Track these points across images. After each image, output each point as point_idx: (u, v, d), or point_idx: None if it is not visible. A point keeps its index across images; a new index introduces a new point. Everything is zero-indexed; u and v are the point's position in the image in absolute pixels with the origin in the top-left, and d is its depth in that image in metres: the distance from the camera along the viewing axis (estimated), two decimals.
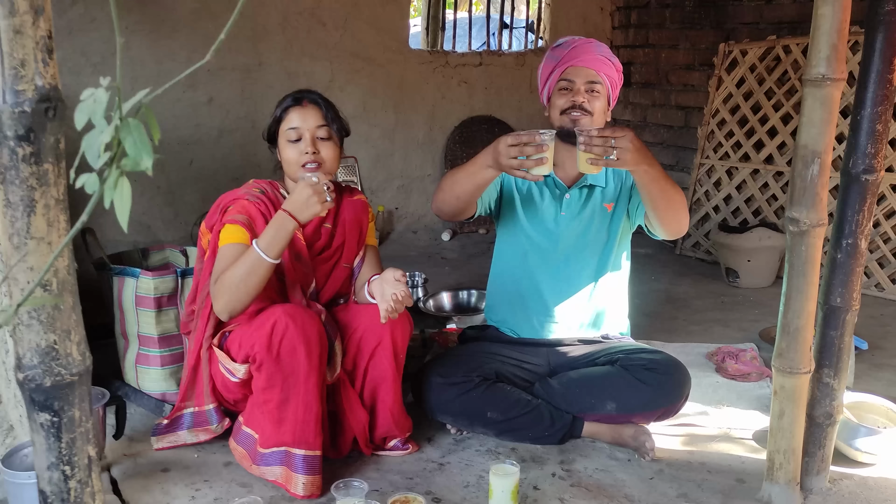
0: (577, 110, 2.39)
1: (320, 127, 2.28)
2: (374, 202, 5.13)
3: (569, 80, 2.41)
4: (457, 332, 3.33)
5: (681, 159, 5.30)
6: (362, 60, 4.88)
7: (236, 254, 2.16)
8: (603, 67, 2.43)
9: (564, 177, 2.53)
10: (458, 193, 2.30)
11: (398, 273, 2.19)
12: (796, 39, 4.38)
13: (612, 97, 2.50)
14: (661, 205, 2.25)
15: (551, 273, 2.54)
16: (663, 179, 2.17)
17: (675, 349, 3.27)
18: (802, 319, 2.07)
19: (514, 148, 2.05)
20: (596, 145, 2.04)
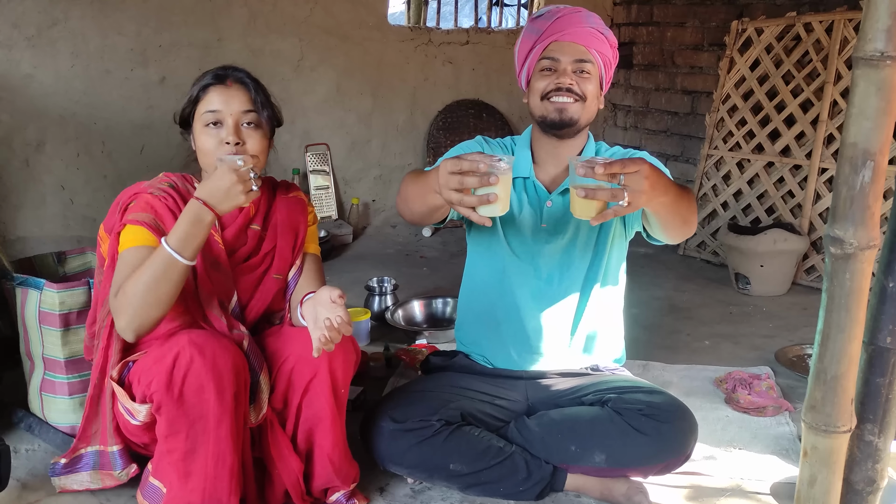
0: (562, 93, 1.97)
1: (246, 112, 1.88)
2: (348, 193, 4.69)
3: (552, 58, 1.99)
4: (428, 349, 2.90)
5: (686, 149, 4.85)
6: (336, 37, 4.43)
7: (141, 258, 1.76)
8: (594, 42, 2.00)
9: (546, 179, 2.10)
10: (412, 208, 1.87)
11: (335, 293, 1.75)
12: (819, 16, 3.91)
13: (606, 79, 2.07)
14: (673, 225, 1.84)
15: (532, 293, 2.12)
16: (677, 201, 1.73)
17: (678, 372, 2.86)
18: (843, 366, 1.62)
19: (455, 177, 1.55)
20: (599, 189, 1.55)
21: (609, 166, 1.52)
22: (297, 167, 4.44)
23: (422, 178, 1.77)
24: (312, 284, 2.01)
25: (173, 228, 1.73)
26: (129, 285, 1.72)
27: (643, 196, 1.55)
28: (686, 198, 1.80)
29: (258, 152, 1.89)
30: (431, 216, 1.87)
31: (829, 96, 3.84)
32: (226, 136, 1.84)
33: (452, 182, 1.54)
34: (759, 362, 2.97)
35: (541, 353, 2.15)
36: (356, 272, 3.97)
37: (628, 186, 1.53)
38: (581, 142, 2.11)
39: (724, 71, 4.34)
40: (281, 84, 4.31)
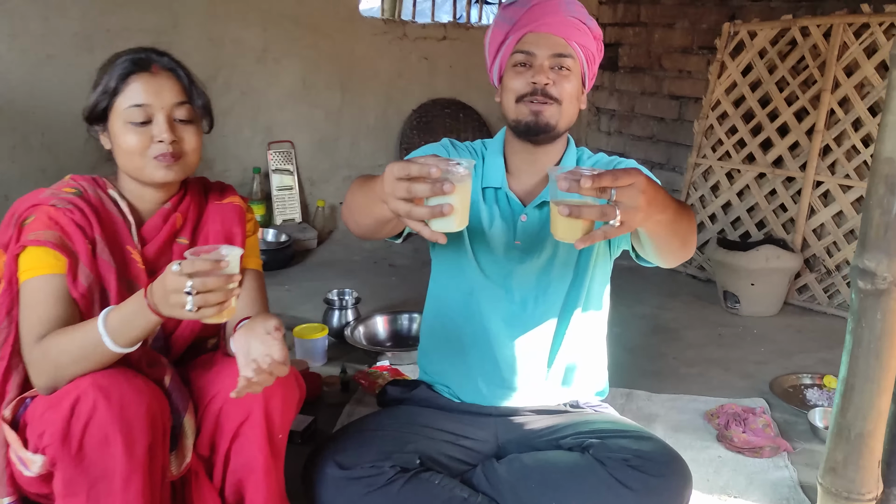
0: (538, 97, 1.71)
1: (180, 105, 1.61)
2: (314, 195, 4.39)
3: (527, 51, 1.72)
4: (390, 372, 2.62)
5: (672, 157, 4.61)
6: (303, 28, 4.13)
7: (51, 292, 1.50)
8: (575, 34, 1.74)
9: (520, 190, 1.84)
10: (358, 220, 1.60)
11: (271, 323, 1.47)
12: (817, 20, 3.68)
13: (589, 77, 1.81)
14: (671, 247, 1.55)
15: (504, 318, 1.85)
16: (677, 219, 1.44)
17: (664, 403, 2.61)
18: (870, 422, 1.37)
19: (402, 184, 1.26)
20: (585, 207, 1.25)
21: (598, 179, 1.23)
22: (258, 166, 4.14)
23: (368, 184, 1.47)
24: (251, 306, 1.73)
25: (114, 311, 1.43)
26: (53, 349, 1.45)
27: (638, 214, 1.27)
28: (686, 216, 1.53)
29: (193, 150, 1.62)
30: (381, 230, 1.58)
31: (826, 105, 3.61)
32: (158, 133, 1.56)
33: (399, 190, 1.26)
34: (753, 392, 2.73)
35: (513, 387, 1.89)
36: (319, 280, 3.69)
37: (621, 203, 1.24)
38: (560, 148, 1.85)
39: (715, 76, 4.11)
40: (242, 76, 4.01)
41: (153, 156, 1.56)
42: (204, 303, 1.30)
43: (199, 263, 1.29)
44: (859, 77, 3.50)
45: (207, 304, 1.31)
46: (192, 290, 1.29)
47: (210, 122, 1.68)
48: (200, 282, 1.29)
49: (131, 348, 1.44)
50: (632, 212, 1.26)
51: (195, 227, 1.69)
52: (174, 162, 1.58)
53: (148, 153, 1.56)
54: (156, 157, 1.56)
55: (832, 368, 2.93)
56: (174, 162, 1.58)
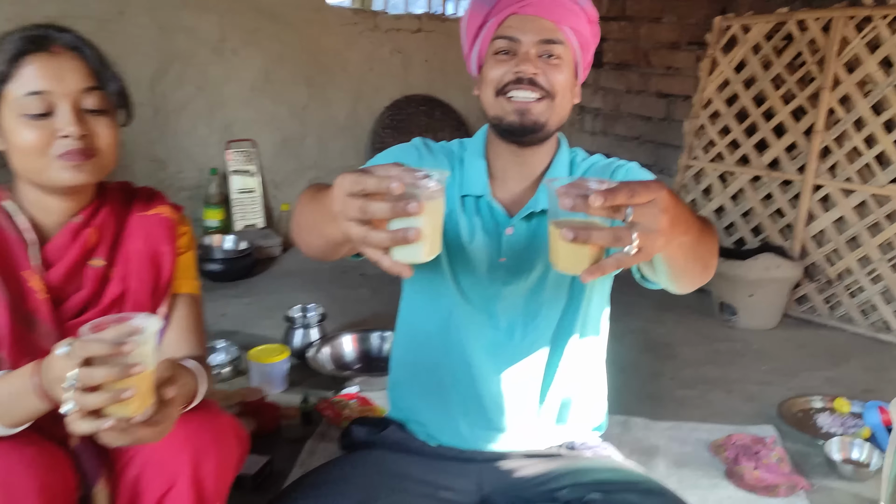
0: (524, 86, 1.42)
1: (88, 91, 1.30)
2: (278, 198, 4.08)
3: (510, 37, 1.44)
4: (358, 399, 2.33)
5: (660, 158, 4.37)
6: (265, 16, 3.82)
7: None
8: (567, 16, 1.46)
9: (505, 198, 1.55)
10: (307, 240, 1.27)
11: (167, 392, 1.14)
12: (815, 13, 3.44)
13: (583, 66, 1.53)
14: (691, 273, 1.25)
15: (488, 348, 1.56)
16: (700, 241, 1.15)
17: (664, 432, 2.36)
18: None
19: (355, 202, 0.97)
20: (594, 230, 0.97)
21: (611, 195, 0.94)
22: (216, 167, 3.81)
23: (319, 197, 1.14)
24: (185, 341, 1.43)
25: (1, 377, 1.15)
26: None
27: (660, 239, 0.98)
28: (710, 235, 1.24)
29: (108, 146, 1.32)
30: (336, 252, 1.25)
31: (826, 104, 3.37)
32: (63, 126, 1.26)
33: (352, 209, 0.96)
34: (759, 418, 2.48)
35: (499, 428, 1.60)
36: (282, 292, 3.38)
37: (638, 225, 0.96)
38: (550, 149, 1.57)
39: (706, 72, 3.86)
40: (198, 69, 3.70)
41: (57, 154, 1.26)
42: (84, 406, 1.01)
43: (92, 346, 1.00)
44: (861, 74, 3.27)
45: (86, 408, 1.01)
46: (75, 385, 1.00)
47: (128, 112, 1.37)
48: (87, 374, 1.00)
49: (17, 429, 1.13)
50: (652, 236, 0.97)
51: (113, 246, 1.38)
52: (84, 161, 1.27)
53: (50, 152, 1.25)
54: (60, 155, 1.26)
55: (841, 389, 2.73)
56: (84, 161, 1.27)
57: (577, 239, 0.95)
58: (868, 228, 3.26)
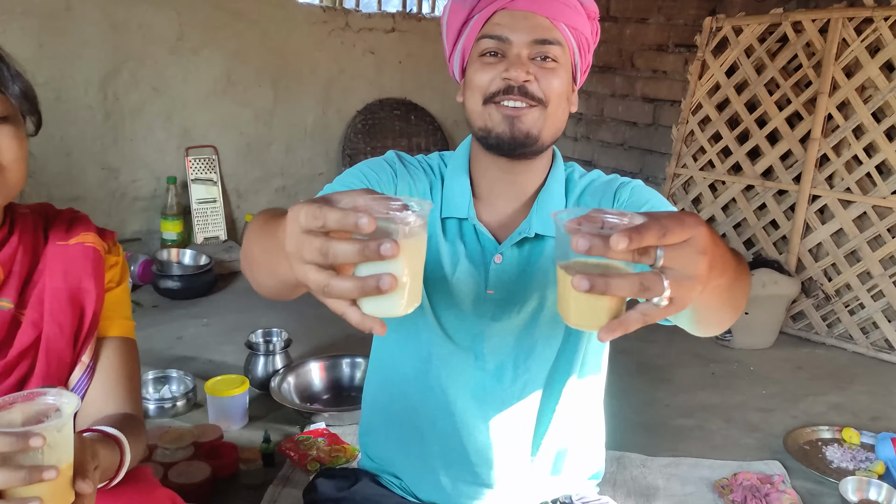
0: (514, 96, 1.21)
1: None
2: (242, 208, 3.82)
3: (499, 36, 1.23)
4: (326, 437, 2.10)
5: (646, 165, 4.18)
6: (227, 13, 3.57)
7: None
8: (564, 12, 1.26)
9: (492, 221, 1.34)
10: (258, 278, 1.01)
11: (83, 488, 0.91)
12: (811, 13, 3.26)
13: (581, 69, 1.32)
14: (720, 317, 1.00)
15: (473, 393, 1.36)
16: (735, 282, 0.92)
17: (663, 470, 2.17)
18: None
19: (314, 241, 0.74)
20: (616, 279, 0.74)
21: (637, 235, 0.72)
22: (174, 175, 3.54)
23: (271, 227, 0.91)
24: (112, 395, 1.20)
25: None
26: None
27: (697, 286, 0.76)
28: (745, 274, 0.99)
29: (15, 160, 1.07)
30: (293, 293, 0.99)
31: (824, 109, 3.20)
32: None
33: (309, 251, 0.74)
34: (764, 452, 2.31)
35: (486, 482, 1.39)
36: (244, 311, 3.13)
37: (671, 270, 0.74)
38: (544, 164, 1.35)
39: (695, 76, 3.67)
40: (153, 70, 3.43)
41: None
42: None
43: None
44: (861, 78, 3.10)
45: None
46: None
47: (37, 119, 1.13)
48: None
49: None
50: (687, 283, 0.75)
51: (25, 283, 1.14)
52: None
53: None
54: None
55: (847, 416, 2.56)
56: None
57: (595, 290, 0.73)
58: (868, 242, 3.09)
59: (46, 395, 0.89)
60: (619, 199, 1.29)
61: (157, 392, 2.38)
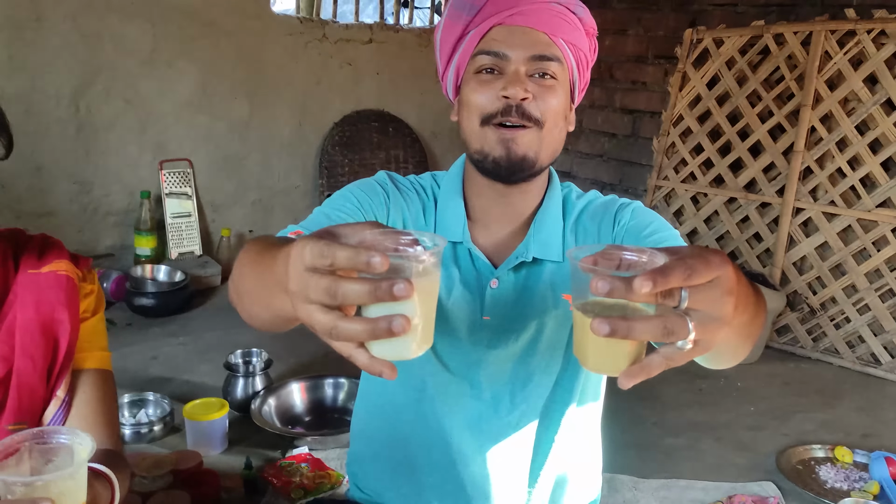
0: (512, 117, 1.16)
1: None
2: (217, 223, 3.73)
3: (496, 52, 1.18)
4: (310, 462, 2.03)
5: (626, 177, 4.16)
6: (201, 24, 3.49)
7: None
8: (563, 28, 1.20)
9: (488, 245, 1.29)
10: (251, 311, 0.94)
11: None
12: (793, 26, 3.26)
13: (580, 86, 1.27)
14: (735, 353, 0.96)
15: (470, 422, 1.30)
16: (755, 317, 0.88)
17: (655, 493, 2.14)
18: None
19: (321, 281, 0.68)
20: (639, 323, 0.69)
21: (662, 277, 0.67)
22: (147, 189, 3.44)
23: (266, 258, 0.85)
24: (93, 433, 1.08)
25: None
26: None
27: (722, 328, 0.71)
28: (764, 308, 0.95)
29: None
30: (287, 326, 0.93)
31: (807, 122, 3.19)
32: None
33: (316, 291, 0.68)
34: (756, 472, 2.27)
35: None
36: (222, 329, 3.04)
37: (696, 313, 0.70)
38: (540, 187, 1.30)
39: (676, 87, 3.66)
40: (127, 82, 3.34)
41: None
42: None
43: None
44: (844, 91, 3.10)
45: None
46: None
47: (7, 140, 1.06)
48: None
49: None
50: (712, 325, 0.71)
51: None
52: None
53: None
54: None
55: (839, 434, 2.54)
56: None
57: (615, 333, 0.68)
58: (853, 255, 3.08)
59: (59, 434, 0.82)
60: (619, 222, 1.25)
61: (133, 416, 2.28)
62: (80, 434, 0.84)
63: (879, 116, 2.99)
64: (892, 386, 2.93)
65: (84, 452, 0.81)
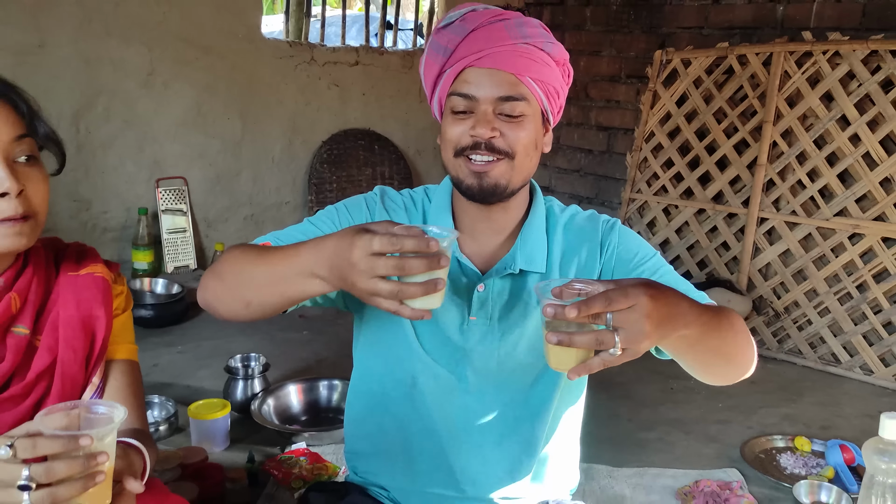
0: (480, 152, 1.30)
1: (19, 140, 1.14)
2: (211, 237, 3.88)
3: (466, 94, 1.30)
4: (308, 456, 2.17)
5: (602, 191, 4.34)
6: (196, 48, 3.65)
7: None
8: (530, 67, 1.31)
9: (474, 253, 1.43)
10: (249, 299, 1.18)
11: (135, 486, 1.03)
12: (755, 48, 3.47)
13: (553, 112, 1.39)
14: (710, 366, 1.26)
15: (458, 414, 1.44)
16: (709, 334, 1.15)
17: (629, 480, 2.28)
18: None
19: (388, 262, 1.00)
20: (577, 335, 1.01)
21: (586, 306, 0.97)
22: (144, 206, 3.60)
23: (274, 255, 1.13)
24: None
25: None
26: None
27: (645, 340, 1.00)
28: (725, 329, 1.18)
29: (42, 200, 1.17)
30: (278, 308, 1.20)
31: (769, 137, 3.40)
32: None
33: (382, 267, 1.00)
34: (722, 461, 2.43)
35: (471, 493, 1.47)
36: (218, 338, 3.19)
37: (621, 329, 0.99)
38: (521, 203, 1.44)
39: (647, 106, 3.86)
40: (125, 102, 3.50)
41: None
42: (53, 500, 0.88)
43: (43, 444, 0.87)
44: (803, 108, 3.30)
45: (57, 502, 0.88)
46: (30, 484, 0.86)
47: (61, 159, 1.22)
48: (45, 470, 0.87)
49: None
50: (635, 338, 0.99)
51: (39, 311, 1.21)
52: (23, 224, 1.12)
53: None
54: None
55: (799, 426, 2.71)
56: (23, 224, 1.12)
57: (561, 343, 1.00)
58: (814, 261, 3.27)
59: (99, 405, 0.98)
60: (608, 245, 1.40)
61: None
62: (117, 406, 0.99)
63: (835, 131, 3.20)
64: (850, 382, 3.12)
65: (118, 418, 0.96)
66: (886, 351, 3.10)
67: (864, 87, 3.11)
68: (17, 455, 0.87)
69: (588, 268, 1.41)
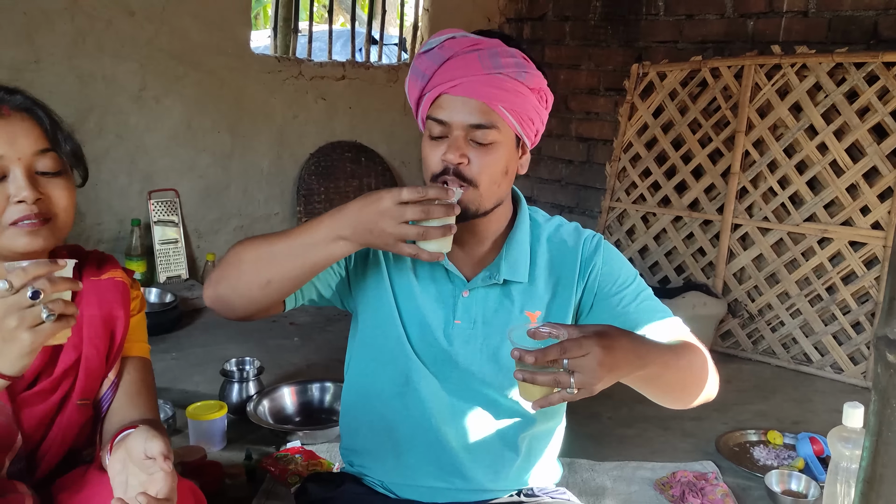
0: (451, 179, 1.37)
1: (42, 154, 1.25)
2: (202, 248, 3.97)
3: (440, 120, 1.37)
4: (303, 454, 2.26)
5: (583, 200, 4.47)
6: (186, 64, 3.74)
7: None
8: (501, 96, 1.35)
9: (462, 262, 1.51)
10: (270, 276, 1.30)
11: (156, 447, 1.13)
12: (727, 61, 3.62)
13: (528, 135, 1.44)
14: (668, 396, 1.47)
15: (447, 410, 1.53)
16: (665, 372, 1.35)
17: (609, 472, 2.38)
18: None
19: (414, 207, 1.21)
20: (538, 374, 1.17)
21: (543, 354, 1.13)
22: (137, 217, 3.68)
23: (294, 231, 1.32)
24: (134, 405, 1.37)
25: None
26: None
27: (598, 383, 1.16)
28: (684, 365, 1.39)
29: (66, 208, 1.27)
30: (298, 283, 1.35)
31: (741, 147, 3.54)
32: (16, 191, 1.20)
33: (412, 211, 1.21)
34: (699, 454, 2.54)
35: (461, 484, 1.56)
36: (210, 345, 3.27)
37: (576, 372, 1.14)
38: (503, 215, 1.51)
39: (625, 117, 3.99)
40: (117, 117, 3.58)
41: (10, 221, 1.20)
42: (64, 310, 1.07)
43: (31, 268, 1.05)
44: (773, 118, 3.44)
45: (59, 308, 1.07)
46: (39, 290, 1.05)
47: (84, 172, 1.32)
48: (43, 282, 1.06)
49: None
50: (588, 381, 1.15)
51: None
52: (41, 226, 1.22)
53: (3, 219, 1.19)
54: (14, 221, 1.20)
55: (772, 421, 2.83)
56: (41, 226, 1.22)
57: (525, 380, 1.15)
58: (785, 265, 3.41)
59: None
60: (592, 267, 1.49)
61: None
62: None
63: (804, 141, 3.34)
64: (821, 381, 3.25)
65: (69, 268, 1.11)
66: (855, 350, 3.23)
67: (831, 97, 3.26)
68: (13, 285, 1.03)
69: (568, 283, 1.49)
